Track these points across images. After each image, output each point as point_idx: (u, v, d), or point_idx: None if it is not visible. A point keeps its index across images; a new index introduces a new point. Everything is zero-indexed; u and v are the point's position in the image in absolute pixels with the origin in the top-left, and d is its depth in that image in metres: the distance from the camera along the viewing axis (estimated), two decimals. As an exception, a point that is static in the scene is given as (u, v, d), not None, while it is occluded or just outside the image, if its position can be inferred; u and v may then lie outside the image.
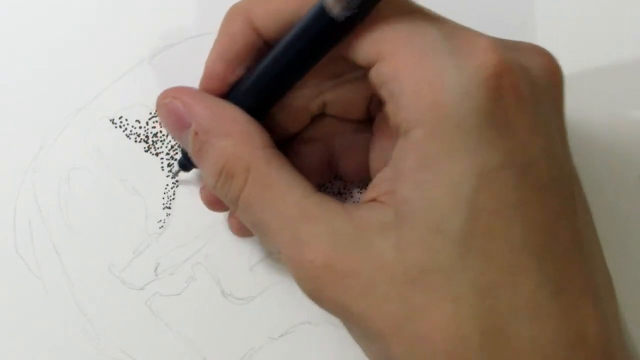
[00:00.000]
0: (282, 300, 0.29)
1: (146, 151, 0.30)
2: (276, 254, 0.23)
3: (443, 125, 0.21)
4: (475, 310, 0.21)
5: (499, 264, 0.21)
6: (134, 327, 0.29)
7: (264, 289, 0.29)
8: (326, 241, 0.22)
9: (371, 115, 0.27)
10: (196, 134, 0.24)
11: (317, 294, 0.22)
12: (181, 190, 0.30)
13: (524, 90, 0.21)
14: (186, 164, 0.28)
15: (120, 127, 0.30)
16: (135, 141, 0.30)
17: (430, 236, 0.21)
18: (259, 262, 0.29)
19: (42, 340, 0.29)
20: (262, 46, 0.24)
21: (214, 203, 0.27)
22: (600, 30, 0.31)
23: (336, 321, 0.29)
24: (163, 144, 0.30)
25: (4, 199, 0.29)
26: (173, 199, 0.30)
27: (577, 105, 0.30)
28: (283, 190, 0.23)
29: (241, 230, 0.28)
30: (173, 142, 0.30)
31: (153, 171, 0.30)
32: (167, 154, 0.30)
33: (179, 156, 0.29)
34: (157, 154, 0.30)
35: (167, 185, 0.30)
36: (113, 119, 0.30)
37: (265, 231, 0.23)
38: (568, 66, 0.24)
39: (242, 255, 0.29)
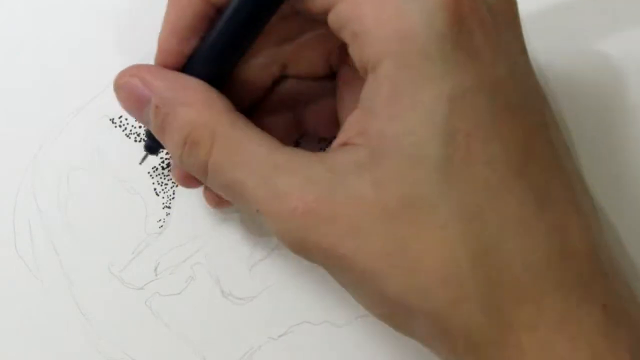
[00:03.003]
0: (282, 300, 0.29)
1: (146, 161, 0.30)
2: (254, 212, 0.23)
3: (409, 55, 0.21)
4: (464, 234, 0.21)
5: (481, 186, 0.21)
6: (133, 326, 0.29)
7: (263, 288, 0.29)
8: (304, 189, 0.22)
9: (333, 70, 0.27)
10: (157, 107, 0.24)
11: (302, 243, 0.22)
12: (181, 189, 0.30)
13: (484, 13, 0.22)
14: (152, 145, 0.27)
15: (120, 126, 0.30)
16: (135, 141, 0.30)
17: (408, 167, 0.21)
18: (259, 262, 0.29)
19: (41, 341, 0.29)
20: (214, 13, 0.24)
21: (188, 178, 0.27)
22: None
23: (336, 321, 0.29)
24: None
25: (4, 199, 0.29)
26: (173, 198, 0.30)
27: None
28: (253, 148, 0.23)
29: (216, 201, 0.27)
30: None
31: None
32: (167, 153, 0.30)
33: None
34: (157, 154, 0.30)
35: (167, 184, 0.30)
36: (113, 119, 0.30)
37: (240, 191, 0.23)
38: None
39: (242, 255, 0.29)
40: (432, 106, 0.21)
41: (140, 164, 0.29)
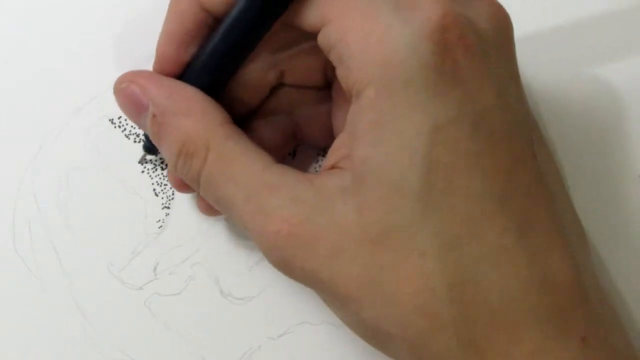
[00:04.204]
0: (281, 300, 0.29)
1: (145, 162, 0.30)
2: (242, 228, 0.23)
3: (393, 83, 0.21)
4: (442, 264, 0.21)
5: (461, 216, 0.21)
6: (132, 326, 0.29)
7: (263, 289, 0.29)
8: (289, 210, 0.22)
9: (329, 80, 0.27)
10: (154, 116, 0.24)
11: (286, 263, 0.23)
12: (180, 190, 0.30)
13: (471, 41, 0.21)
14: (151, 147, 0.28)
15: (119, 127, 0.30)
16: (135, 141, 0.30)
17: (389, 195, 0.21)
18: (258, 262, 0.29)
19: (40, 340, 0.29)
20: (212, 22, 0.24)
21: (183, 184, 0.27)
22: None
23: (336, 321, 0.29)
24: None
25: (4, 199, 0.29)
26: (172, 198, 0.30)
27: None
28: (244, 164, 0.23)
29: (209, 209, 0.27)
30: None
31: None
32: (167, 154, 0.30)
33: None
34: (156, 154, 0.30)
35: (166, 185, 0.30)
36: (112, 119, 0.30)
37: (229, 206, 0.23)
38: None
39: (241, 255, 0.29)
40: (414, 136, 0.21)
41: (140, 163, 0.29)
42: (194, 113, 0.24)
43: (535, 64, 0.30)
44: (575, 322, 0.21)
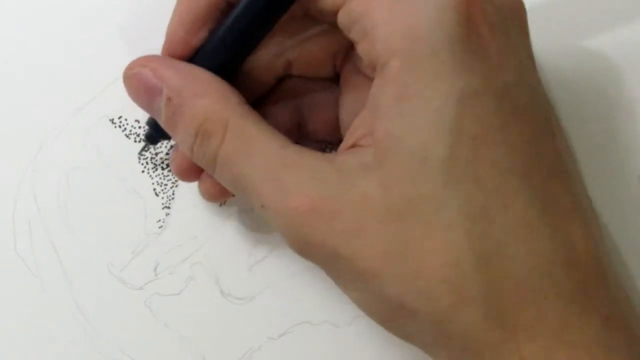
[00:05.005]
0: (282, 300, 0.29)
1: (146, 151, 0.30)
2: (259, 207, 0.23)
3: (419, 53, 0.21)
4: (468, 236, 0.21)
5: (486, 188, 0.21)
6: (133, 326, 0.29)
7: (263, 288, 0.29)
8: (309, 186, 0.22)
9: (337, 71, 0.27)
10: (169, 99, 0.24)
11: (305, 241, 0.22)
12: (180, 190, 0.30)
13: (493, 17, 0.22)
14: (153, 135, 0.27)
15: (119, 127, 0.30)
16: (135, 141, 0.30)
17: (414, 168, 0.21)
18: (258, 261, 0.29)
19: (40, 340, 0.29)
20: (225, 7, 0.24)
21: (187, 171, 0.27)
22: None
23: (336, 321, 0.29)
24: (162, 143, 0.29)
25: (4, 199, 0.29)
26: (172, 198, 0.30)
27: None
28: (262, 143, 0.23)
29: (212, 195, 0.27)
30: (172, 142, 0.29)
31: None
32: (167, 154, 0.30)
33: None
34: (156, 154, 0.30)
35: (167, 185, 0.30)
36: (112, 119, 0.30)
37: (247, 185, 0.23)
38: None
39: (241, 255, 0.29)
40: (440, 106, 0.21)
41: (140, 153, 0.29)
42: (211, 94, 0.24)
43: (538, 42, 0.30)
44: (598, 300, 0.21)
